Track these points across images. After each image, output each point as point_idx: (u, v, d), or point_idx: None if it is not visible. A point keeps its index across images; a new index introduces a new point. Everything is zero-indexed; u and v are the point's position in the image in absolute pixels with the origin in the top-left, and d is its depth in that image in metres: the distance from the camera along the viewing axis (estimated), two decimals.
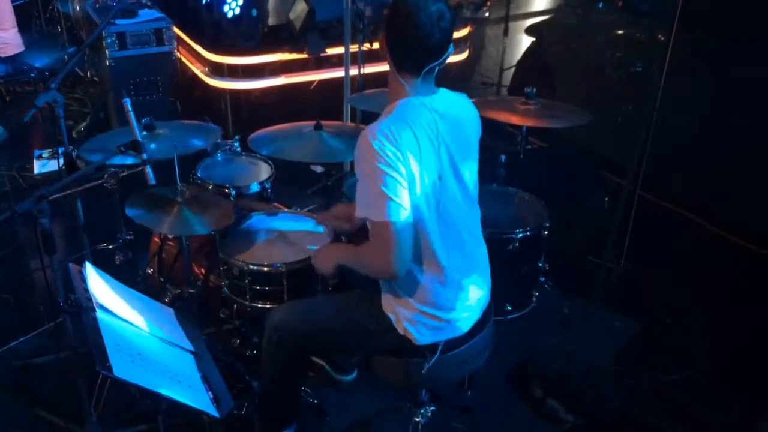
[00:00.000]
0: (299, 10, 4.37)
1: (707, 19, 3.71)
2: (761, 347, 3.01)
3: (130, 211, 2.39)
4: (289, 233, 2.66)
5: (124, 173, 2.25)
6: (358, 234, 2.34)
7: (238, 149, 3.09)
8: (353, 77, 3.76)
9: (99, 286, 1.90)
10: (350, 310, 2.16)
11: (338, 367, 2.74)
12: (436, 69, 1.94)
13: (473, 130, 2.10)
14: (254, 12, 4.43)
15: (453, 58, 4.95)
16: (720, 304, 3.28)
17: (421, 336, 2.04)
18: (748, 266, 3.59)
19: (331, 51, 4.42)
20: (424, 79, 1.95)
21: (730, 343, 3.06)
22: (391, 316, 2.06)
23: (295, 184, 4.02)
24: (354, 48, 3.71)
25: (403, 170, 1.85)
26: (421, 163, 1.89)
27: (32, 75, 4.75)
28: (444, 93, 2.04)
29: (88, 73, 5.43)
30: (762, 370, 2.90)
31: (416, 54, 1.91)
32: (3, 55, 4.68)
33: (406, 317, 2.04)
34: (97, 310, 1.77)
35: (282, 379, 2.32)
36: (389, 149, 1.83)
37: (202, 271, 2.80)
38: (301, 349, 2.27)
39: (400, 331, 2.05)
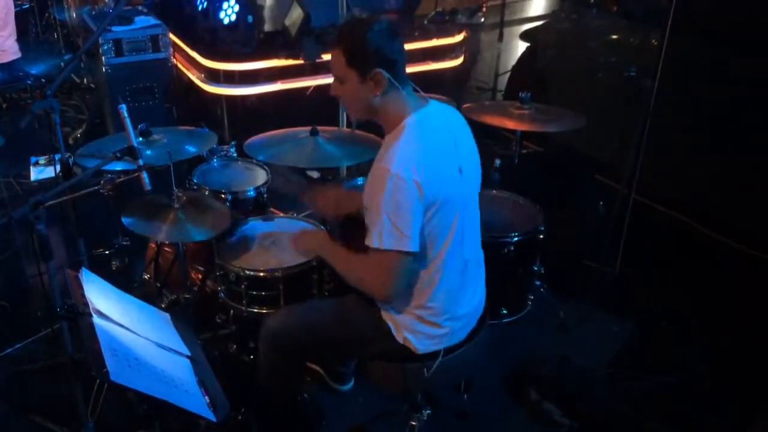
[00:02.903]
0: (295, 16, 4.39)
1: (700, 24, 3.74)
2: (757, 350, 3.02)
3: (126, 220, 2.39)
4: (285, 238, 2.67)
5: (121, 179, 2.25)
6: (351, 236, 2.34)
7: (234, 155, 3.10)
8: None
9: (95, 292, 1.90)
10: (347, 316, 2.17)
11: (335, 376, 2.74)
12: None
13: (470, 135, 2.12)
14: (250, 18, 4.45)
15: (449, 64, 5.01)
16: (715, 307, 3.29)
17: (422, 345, 2.05)
18: (743, 269, 3.60)
19: (327, 57, 4.40)
20: (410, 88, 1.99)
21: (725, 346, 3.07)
22: (390, 325, 2.07)
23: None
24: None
25: (420, 197, 1.85)
26: (442, 181, 1.90)
27: (29, 82, 4.75)
28: (434, 101, 2.05)
29: (85, 80, 5.44)
30: (757, 372, 2.91)
31: (403, 60, 1.95)
32: None
33: (407, 327, 2.05)
34: (94, 315, 1.77)
35: (279, 383, 2.32)
36: (410, 177, 1.83)
37: (199, 276, 2.81)
38: (297, 354, 2.28)
39: (400, 340, 2.06)
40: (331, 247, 2.22)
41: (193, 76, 4.59)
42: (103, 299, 1.90)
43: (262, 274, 2.47)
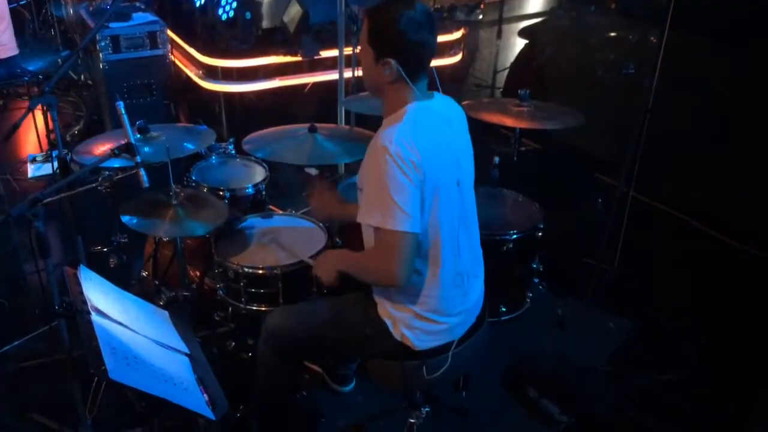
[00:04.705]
0: (293, 12, 4.38)
1: (698, 21, 3.74)
2: (753, 347, 3.03)
3: (125, 219, 2.39)
4: (284, 236, 2.67)
5: (118, 176, 2.25)
6: (350, 236, 2.34)
7: (233, 152, 3.10)
8: (347, 80, 3.77)
9: (94, 289, 1.90)
10: (346, 315, 2.16)
11: (336, 377, 2.74)
12: None
13: (467, 131, 2.12)
14: (248, 15, 4.44)
15: (447, 61, 5.01)
16: (713, 305, 3.30)
17: (420, 341, 2.05)
18: (740, 267, 3.61)
19: (325, 54, 4.43)
20: (424, 82, 1.97)
21: (722, 343, 3.07)
22: (388, 322, 2.06)
23: (290, 187, 4.03)
24: (348, 51, 3.72)
25: (418, 177, 1.83)
26: (438, 168, 1.89)
27: (26, 78, 4.73)
28: (439, 95, 2.05)
29: (82, 77, 5.43)
30: (754, 370, 2.92)
31: (425, 56, 1.93)
32: None
33: (405, 323, 2.04)
34: (92, 313, 1.77)
35: (277, 382, 2.31)
36: (406, 156, 1.81)
37: (197, 273, 2.80)
38: (296, 354, 2.27)
39: (398, 336, 2.05)
40: (342, 257, 2.17)
41: (192, 73, 4.58)
42: (101, 297, 1.89)
43: (261, 271, 2.46)
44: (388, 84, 1.94)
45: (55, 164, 2.34)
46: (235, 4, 4.39)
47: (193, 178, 2.88)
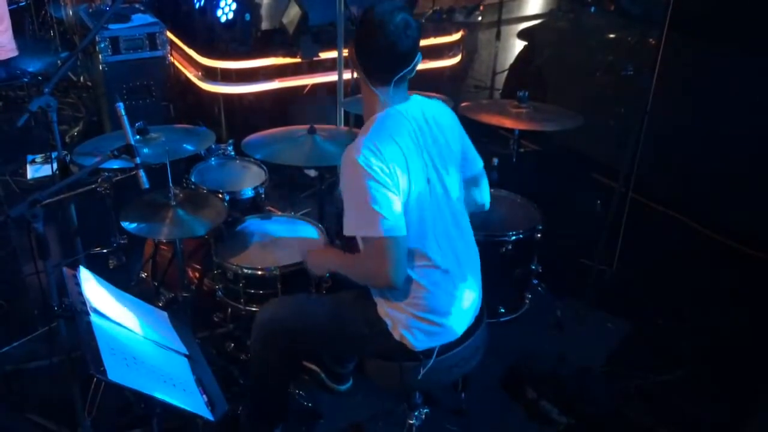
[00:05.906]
0: (292, 14, 4.38)
1: (697, 23, 3.75)
2: (752, 347, 3.03)
3: (125, 224, 2.40)
4: (283, 237, 2.67)
5: (118, 177, 2.25)
6: (350, 238, 2.34)
7: (232, 153, 3.10)
8: (346, 81, 3.77)
9: (93, 290, 1.90)
10: (344, 313, 2.16)
11: (333, 376, 2.74)
12: (407, 77, 1.99)
13: (453, 135, 2.12)
14: (247, 16, 4.44)
15: (446, 62, 5.01)
16: (711, 305, 3.30)
17: (418, 342, 2.05)
18: (739, 267, 3.61)
19: (324, 55, 4.43)
20: (396, 87, 1.98)
21: (721, 344, 3.08)
22: (387, 321, 2.07)
23: (289, 188, 4.03)
24: (347, 52, 3.71)
25: (390, 183, 1.88)
26: (409, 171, 1.93)
27: (25, 80, 4.74)
28: (417, 99, 2.07)
29: (81, 78, 5.42)
30: (752, 369, 2.92)
31: (386, 63, 1.95)
32: None
33: (402, 323, 2.04)
34: (91, 314, 1.77)
35: (270, 378, 2.31)
36: (375, 164, 1.87)
37: (196, 274, 2.81)
38: (290, 347, 2.24)
39: (396, 337, 2.05)
40: (336, 261, 2.20)
41: (191, 75, 4.58)
42: (100, 298, 1.89)
43: (260, 272, 2.47)
44: (363, 83, 2.00)
45: (55, 165, 2.34)
46: (234, 6, 4.38)
47: (193, 179, 2.88)
